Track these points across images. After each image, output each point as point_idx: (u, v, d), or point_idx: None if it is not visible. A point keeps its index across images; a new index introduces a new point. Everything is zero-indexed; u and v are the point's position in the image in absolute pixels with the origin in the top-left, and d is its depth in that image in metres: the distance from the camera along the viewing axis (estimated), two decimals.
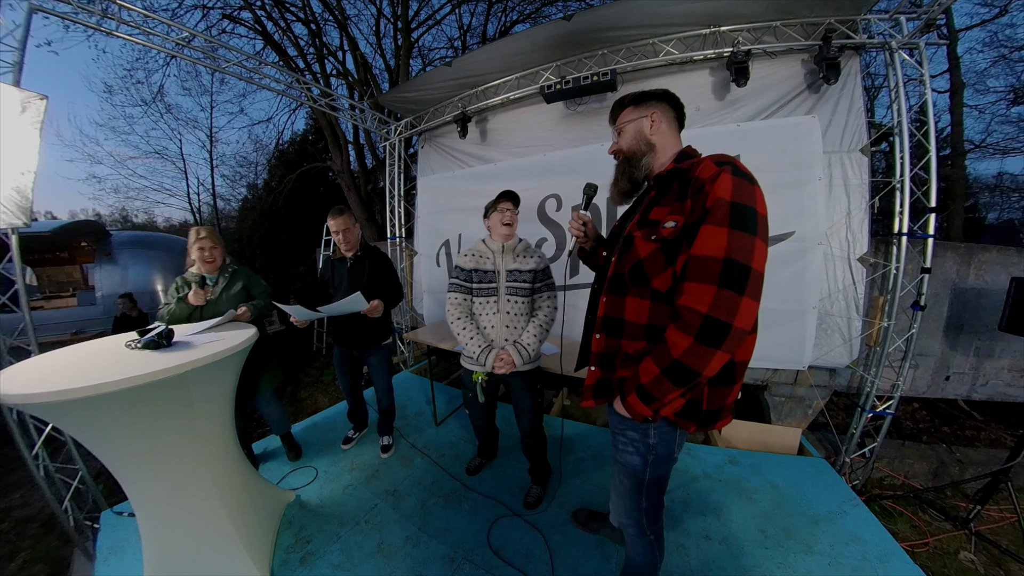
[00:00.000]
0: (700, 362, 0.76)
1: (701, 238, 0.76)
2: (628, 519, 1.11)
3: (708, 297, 0.73)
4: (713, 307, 0.73)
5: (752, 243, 0.73)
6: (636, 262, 0.90)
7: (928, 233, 2.13)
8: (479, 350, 1.60)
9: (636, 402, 0.87)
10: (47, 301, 5.37)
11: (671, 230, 0.83)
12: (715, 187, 0.76)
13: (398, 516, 1.79)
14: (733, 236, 0.73)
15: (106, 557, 1.63)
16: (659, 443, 0.98)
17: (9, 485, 2.96)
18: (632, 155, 0.99)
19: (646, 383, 0.84)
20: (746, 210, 0.74)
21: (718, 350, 0.75)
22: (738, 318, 0.73)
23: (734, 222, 0.73)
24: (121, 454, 1.20)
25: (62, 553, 2.22)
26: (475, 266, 1.65)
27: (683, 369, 0.78)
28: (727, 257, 0.73)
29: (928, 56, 2.07)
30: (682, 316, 0.77)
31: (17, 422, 1.82)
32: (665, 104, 0.98)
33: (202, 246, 1.78)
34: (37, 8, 1.86)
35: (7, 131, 1.63)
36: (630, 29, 2.49)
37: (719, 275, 0.73)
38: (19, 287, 1.85)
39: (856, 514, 1.74)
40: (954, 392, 2.99)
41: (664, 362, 0.80)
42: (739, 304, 0.72)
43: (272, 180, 10.55)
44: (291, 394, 4.64)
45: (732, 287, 0.72)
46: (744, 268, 0.72)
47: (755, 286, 0.73)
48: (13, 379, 1.04)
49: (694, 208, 0.79)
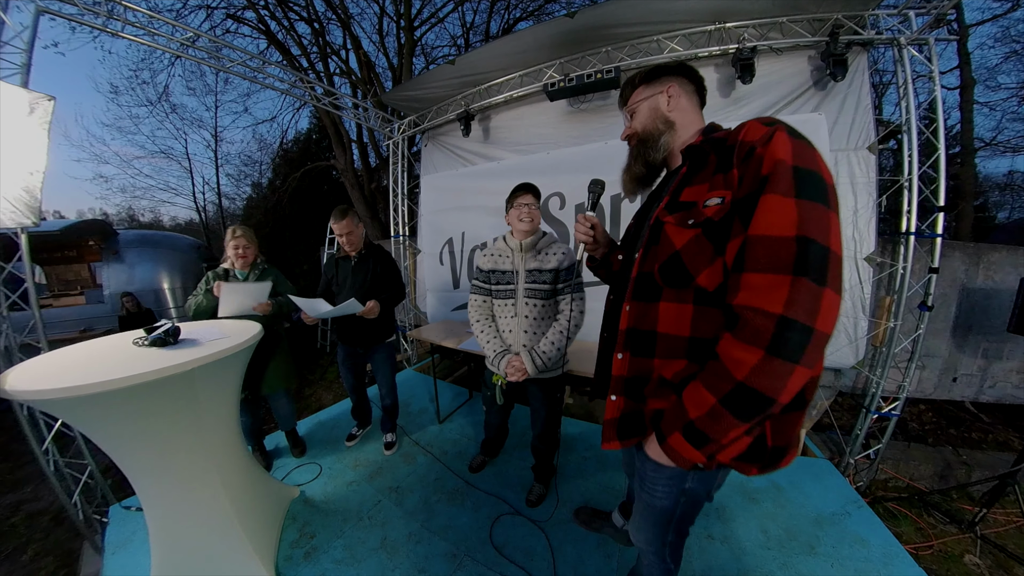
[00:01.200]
0: (776, 383, 0.57)
1: (762, 212, 0.58)
2: (649, 547, 0.98)
3: (782, 291, 0.55)
4: (790, 305, 0.54)
5: (828, 217, 0.57)
6: (671, 255, 0.71)
7: (936, 232, 2.10)
8: (494, 354, 1.57)
9: (682, 444, 0.66)
10: (56, 299, 5.45)
11: (717, 208, 0.65)
12: (771, 149, 0.59)
13: (401, 513, 1.81)
14: (804, 207, 0.56)
15: (114, 550, 1.66)
16: (696, 485, 0.81)
17: (20, 479, 3.02)
18: (648, 136, 0.84)
19: (697, 418, 0.64)
20: (813, 176, 0.58)
21: (798, 365, 0.55)
22: (820, 318, 0.54)
23: (803, 190, 0.57)
24: (129, 450, 1.21)
25: (71, 546, 2.26)
26: (493, 267, 1.60)
27: (751, 395, 0.58)
28: (800, 235, 0.55)
29: (938, 52, 2.03)
30: (745, 321, 0.58)
31: (27, 418, 1.85)
32: (682, 78, 0.84)
33: (237, 244, 1.92)
34: (44, 10, 1.88)
35: (16, 132, 1.65)
36: (634, 26, 2.47)
37: (793, 260, 0.55)
38: (29, 285, 1.87)
39: (860, 516, 1.73)
40: (961, 394, 2.96)
41: (723, 387, 0.60)
42: (821, 299, 0.54)
43: (276, 179, 10.60)
44: (296, 391, 4.68)
45: (811, 275, 0.54)
46: (823, 250, 0.55)
47: (837, 274, 0.56)
48: (24, 376, 1.05)
49: (744, 178, 0.62)
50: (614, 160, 0.95)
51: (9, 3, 1.75)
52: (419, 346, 4.36)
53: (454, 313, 3.76)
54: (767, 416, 0.62)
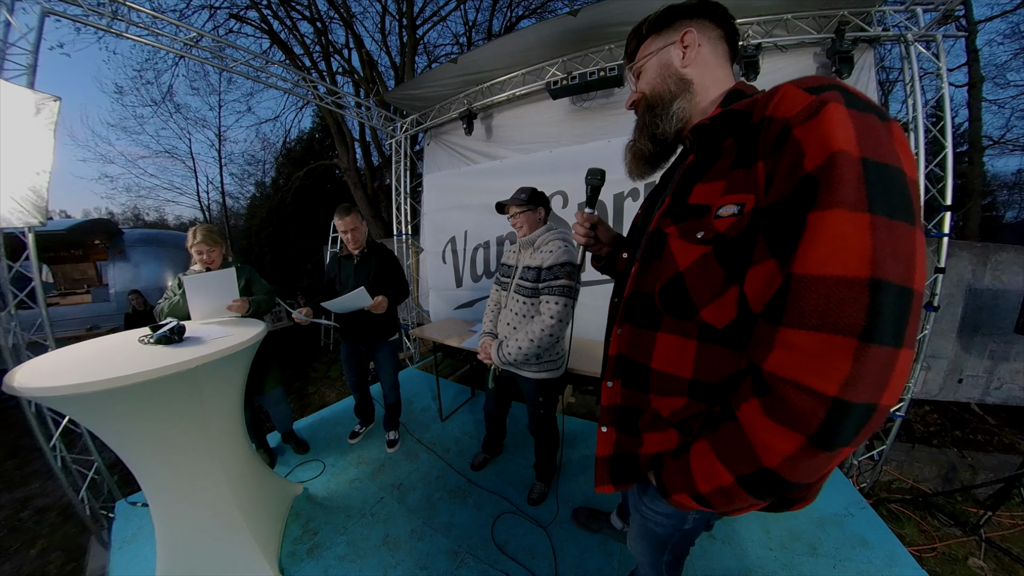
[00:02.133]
0: (811, 473, 0.43)
1: (814, 238, 0.39)
2: (646, 560, 0.91)
3: (842, 364, 0.37)
4: (851, 384, 0.37)
5: (912, 240, 0.38)
6: (672, 277, 0.54)
7: (943, 232, 2.08)
8: (481, 335, 1.68)
9: (688, 502, 0.55)
10: (63, 298, 5.51)
11: (732, 220, 0.47)
12: (821, 130, 0.39)
13: (403, 510, 1.82)
14: (882, 229, 0.37)
15: (121, 545, 1.68)
16: (696, 525, 0.73)
17: (28, 475, 3.06)
18: (658, 100, 0.64)
19: (708, 493, 0.51)
20: (890, 173, 0.38)
21: (847, 447, 0.40)
22: (889, 391, 0.38)
23: (878, 200, 0.37)
24: (135, 446, 1.23)
25: (79, 541, 2.29)
26: (505, 260, 1.71)
27: (777, 481, 0.44)
28: (875, 277, 0.37)
29: (945, 49, 2.02)
30: (783, 398, 0.41)
31: (35, 414, 1.88)
32: (703, 20, 0.62)
33: (199, 249, 1.78)
34: (49, 11, 1.89)
35: (23, 132, 1.66)
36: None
37: (864, 317, 0.37)
38: (36, 284, 1.89)
39: (863, 517, 1.72)
40: (967, 395, 2.93)
41: (743, 469, 0.46)
42: (894, 365, 0.37)
43: (280, 178, 10.66)
44: (299, 389, 4.71)
45: (886, 338, 0.37)
46: (905, 295, 0.37)
47: (915, 322, 0.39)
48: (31, 373, 1.07)
49: (775, 175, 0.43)
50: (617, 158, 0.81)
51: (15, 5, 1.76)
52: (422, 344, 4.37)
53: (457, 312, 3.77)
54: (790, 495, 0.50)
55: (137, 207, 12.65)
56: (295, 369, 5.32)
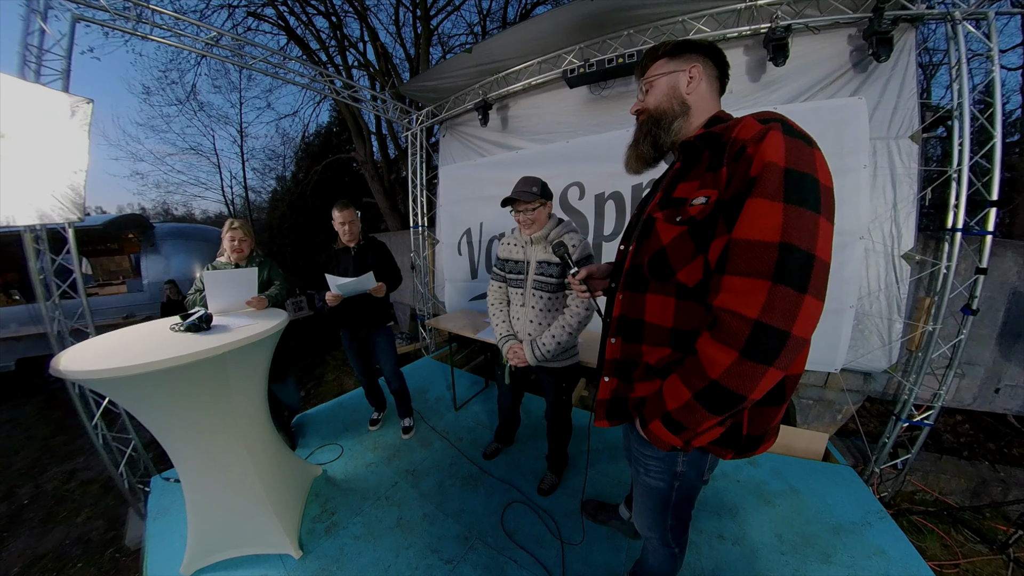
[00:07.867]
0: (746, 384, 0.60)
1: (747, 216, 0.59)
2: (652, 532, 1.02)
3: (759, 296, 0.57)
4: (766, 310, 0.56)
5: (815, 223, 0.57)
6: (657, 250, 0.74)
7: (987, 229, 1.94)
8: (500, 338, 1.65)
9: (662, 431, 0.72)
10: (101, 288, 5.84)
11: (701, 208, 0.66)
12: (762, 149, 0.59)
13: (417, 494, 1.88)
14: (790, 213, 0.56)
15: (156, 517, 1.80)
16: (688, 469, 0.86)
17: (74, 451, 3.31)
18: (661, 115, 0.81)
19: (674, 410, 0.68)
20: (805, 179, 0.58)
21: (770, 367, 0.58)
22: (798, 324, 0.56)
23: (791, 195, 0.57)
24: (167, 425, 1.31)
25: (118, 511, 2.48)
26: (507, 256, 1.65)
27: (723, 393, 0.61)
28: (784, 242, 0.56)
29: (998, 28, 1.85)
30: (722, 323, 0.60)
31: (79, 395, 2.02)
32: (708, 60, 0.80)
33: (233, 236, 1.92)
34: (79, 17, 1.98)
35: (60, 134, 1.75)
36: (658, 7, 2.36)
37: (773, 266, 0.56)
38: (76, 276, 2.03)
39: (881, 527, 1.66)
40: (1004, 406, 2.75)
41: (698, 384, 0.64)
42: (800, 305, 0.56)
43: (299, 172, 10.87)
44: (319, 376, 4.88)
45: (791, 282, 0.56)
46: (806, 257, 0.56)
47: (820, 280, 0.57)
48: (75, 357, 1.15)
49: (732, 178, 0.62)
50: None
51: (48, 13, 1.85)
52: (437, 335, 4.44)
53: (472, 303, 3.80)
54: (739, 411, 0.67)
55: (166, 202, 13.17)
56: (314, 357, 5.51)
